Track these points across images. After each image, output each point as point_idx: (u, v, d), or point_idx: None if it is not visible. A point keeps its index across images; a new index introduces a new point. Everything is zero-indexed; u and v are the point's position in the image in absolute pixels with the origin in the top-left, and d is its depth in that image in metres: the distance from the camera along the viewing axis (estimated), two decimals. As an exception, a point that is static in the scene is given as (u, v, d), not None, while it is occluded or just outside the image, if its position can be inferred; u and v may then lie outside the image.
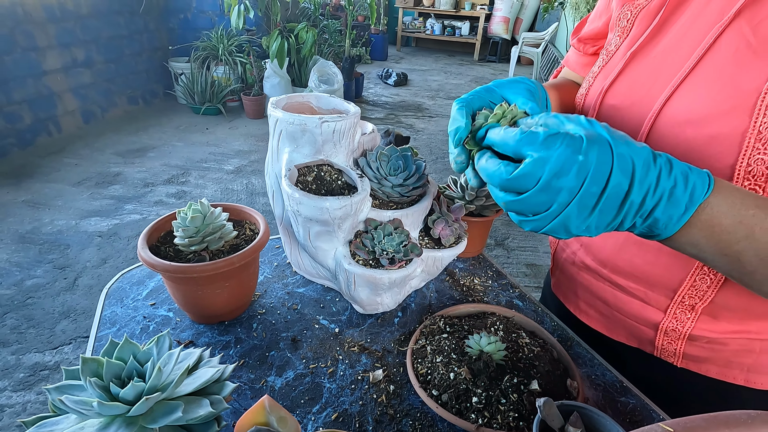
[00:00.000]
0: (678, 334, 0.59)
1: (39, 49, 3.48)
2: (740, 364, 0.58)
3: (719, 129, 0.46)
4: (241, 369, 0.61)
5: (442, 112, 5.01)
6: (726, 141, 0.45)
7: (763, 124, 0.43)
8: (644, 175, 0.35)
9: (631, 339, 0.67)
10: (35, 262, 2.24)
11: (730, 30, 0.47)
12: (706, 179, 0.37)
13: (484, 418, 0.51)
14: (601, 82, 0.59)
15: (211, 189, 3.07)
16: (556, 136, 0.35)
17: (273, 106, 0.66)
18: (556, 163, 0.34)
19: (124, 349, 0.42)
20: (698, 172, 0.37)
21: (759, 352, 0.56)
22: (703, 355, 0.59)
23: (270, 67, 4.27)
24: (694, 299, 0.56)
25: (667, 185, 0.36)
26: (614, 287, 0.65)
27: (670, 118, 0.50)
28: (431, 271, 0.76)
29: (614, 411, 0.58)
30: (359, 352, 0.65)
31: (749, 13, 0.46)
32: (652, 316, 0.61)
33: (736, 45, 0.46)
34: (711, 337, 0.57)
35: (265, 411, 0.37)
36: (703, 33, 0.49)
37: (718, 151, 0.46)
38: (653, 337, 0.62)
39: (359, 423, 0.54)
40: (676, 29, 0.53)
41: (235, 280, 0.65)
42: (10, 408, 1.53)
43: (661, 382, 0.64)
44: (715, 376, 0.60)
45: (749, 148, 0.44)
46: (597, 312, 0.70)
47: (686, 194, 0.36)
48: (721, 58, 0.47)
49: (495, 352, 0.57)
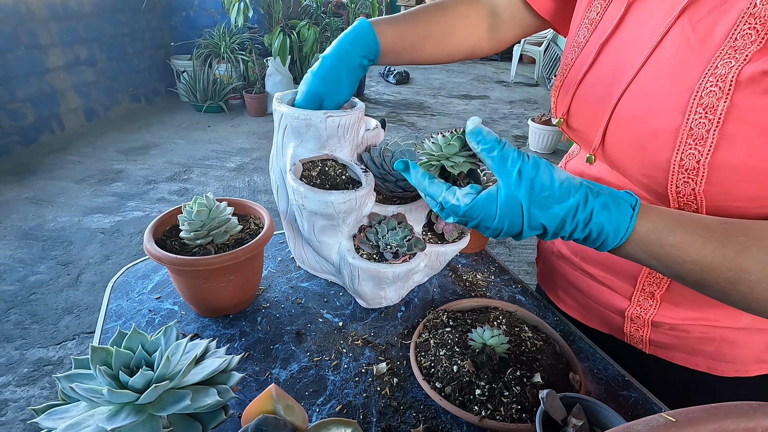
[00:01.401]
0: (642, 321, 0.62)
1: (42, 47, 3.49)
2: (703, 351, 0.60)
3: (659, 125, 0.48)
4: (246, 362, 0.61)
5: (443, 110, 5.01)
6: (663, 137, 0.47)
7: (694, 120, 0.45)
8: (558, 230, 0.44)
9: (604, 326, 0.69)
10: (38, 258, 2.25)
11: (675, 27, 0.48)
12: (624, 228, 0.42)
13: (487, 410, 0.52)
14: (574, 76, 0.60)
15: (214, 186, 3.08)
16: (473, 208, 0.45)
17: (278, 101, 0.67)
18: (480, 220, 0.45)
19: (133, 338, 0.43)
20: (618, 218, 0.42)
21: (719, 340, 0.58)
22: (668, 342, 0.61)
23: (272, 65, 4.27)
24: (652, 286, 0.58)
25: (579, 236, 0.44)
26: (586, 275, 0.68)
27: (621, 115, 0.52)
28: (434, 266, 0.76)
29: (616, 405, 0.58)
30: (363, 346, 0.65)
31: (692, 11, 0.47)
32: (619, 304, 0.63)
33: (678, 43, 0.47)
34: (672, 323, 0.59)
35: (272, 399, 0.38)
36: (655, 29, 0.50)
37: (657, 146, 0.48)
38: (622, 324, 0.65)
39: (363, 415, 0.55)
40: (636, 23, 0.54)
41: (239, 273, 0.65)
42: (14, 403, 1.54)
43: (634, 369, 0.65)
44: (680, 362, 0.62)
45: (682, 144, 0.46)
46: (573, 300, 0.73)
47: (597, 243, 0.44)
48: (665, 56, 0.49)
49: (498, 345, 0.58)
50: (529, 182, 0.42)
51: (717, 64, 0.44)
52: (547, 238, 0.45)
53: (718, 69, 0.43)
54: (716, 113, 0.43)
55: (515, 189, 0.43)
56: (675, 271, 0.43)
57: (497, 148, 0.44)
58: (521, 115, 4.96)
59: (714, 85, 0.43)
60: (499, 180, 0.44)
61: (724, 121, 0.43)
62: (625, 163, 0.54)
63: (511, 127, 4.58)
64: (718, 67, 0.43)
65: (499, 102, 5.43)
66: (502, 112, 5.04)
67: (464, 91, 5.81)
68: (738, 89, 0.42)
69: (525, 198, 0.42)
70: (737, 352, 0.58)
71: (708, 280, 0.42)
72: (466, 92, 5.78)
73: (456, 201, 0.46)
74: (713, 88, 0.43)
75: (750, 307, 0.42)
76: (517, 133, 4.40)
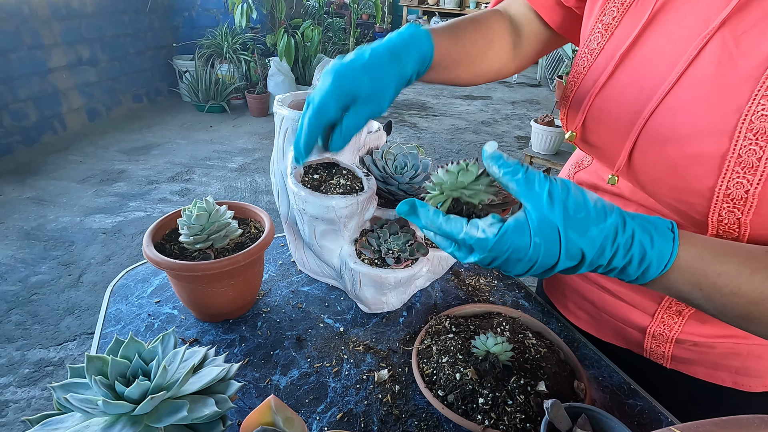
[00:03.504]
0: (665, 338, 0.59)
1: (44, 47, 3.49)
2: (728, 366, 0.57)
3: (700, 149, 0.44)
4: (245, 368, 0.61)
5: (446, 110, 5.00)
6: (706, 162, 0.44)
7: (743, 147, 0.41)
8: (596, 258, 0.38)
9: (619, 340, 0.67)
10: (40, 258, 2.25)
11: (715, 40, 0.44)
12: (668, 254, 0.38)
13: (490, 419, 0.51)
14: (589, 85, 0.55)
15: (215, 187, 3.07)
16: (503, 238, 0.38)
17: (279, 103, 0.66)
18: (511, 252, 0.38)
19: (129, 347, 0.42)
20: (661, 242, 0.38)
21: (746, 355, 0.56)
22: (690, 357, 0.59)
23: (274, 65, 4.27)
24: (681, 305, 0.56)
25: (619, 264, 0.38)
26: (601, 290, 0.65)
27: (653, 135, 0.48)
28: (437, 271, 0.75)
29: (621, 413, 0.57)
30: (364, 352, 0.64)
31: (734, 22, 0.43)
32: (639, 320, 0.61)
33: (719, 57, 0.44)
34: (698, 340, 0.57)
35: (272, 411, 0.37)
36: (688, 41, 0.46)
37: (698, 171, 0.45)
38: (641, 340, 0.62)
39: (364, 423, 0.54)
40: (663, 33, 0.49)
41: (240, 278, 0.65)
42: (15, 404, 1.54)
43: (652, 382, 0.63)
44: (703, 377, 0.60)
45: (728, 171, 0.42)
46: (585, 313, 0.70)
47: (639, 271, 0.39)
48: (703, 72, 0.45)
49: (502, 353, 0.57)
50: (562, 203, 0.37)
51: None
52: (582, 270, 0.39)
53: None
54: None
55: (548, 212, 0.37)
56: (720, 303, 0.39)
57: (521, 171, 0.39)
58: (524, 115, 4.95)
59: (766, 109, 0.40)
60: (527, 204, 0.38)
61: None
62: (655, 185, 0.50)
63: (513, 127, 4.56)
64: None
65: (501, 102, 5.42)
66: (504, 113, 5.02)
67: (466, 92, 5.80)
68: None
69: (560, 220, 0.37)
70: (764, 365, 0.56)
71: (754, 313, 0.39)
72: (468, 93, 5.77)
73: (482, 234, 0.39)
74: (765, 112, 0.40)
75: None
76: (520, 134, 4.38)
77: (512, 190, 0.39)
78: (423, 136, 4.18)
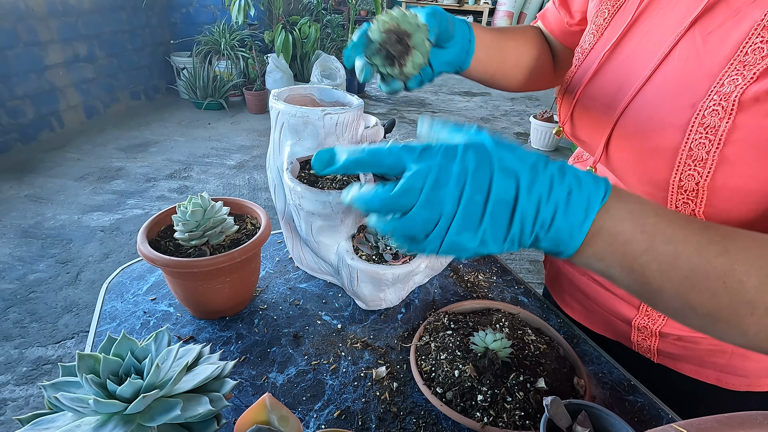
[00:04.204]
0: (650, 332, 0.60)
1: (41, 44, 3.47)
2: (713, 363, 0.58)
3: (658, 143, 0.46)
4: (242, 365, 0.60)
5: (445, 107, 4.98)
6: (663, 155, 0.45)
7: (694, 140, 0.43)
8: (532, 180, 0.32)
9: (609, 332, 0.68)
10: (38, 256, 2.24)
11: (686, 38, 0.46)
12: (603, 185, 0.33)
13: (489, 416, 0.50)
14: (578, 81, 0.58)
15: (214, 184, 3.06)
16: (431, 148, 0.33)
17: (275, 98, 0.65)
18: (434, 172, 0.32)
19: (122, 345, 0.41)
20: (594, 177, 0.34)
21: (731, 353, 0.56)
22: (676, 352, 0.59)
23: (272, 62, 4.25)
24: None
25: (561, 192, 0.32)
26: (592, 281, 0.66)
27: (624, 128, 0.50)
28: (435, 267, 0.75)
29: (622, 410, 0.56)
30: (362, 349, 0.64)
31: (704, 21, 0.45)
32: (626, 312, 0.62)
33: (687, 55, 0.45)
34: (681, 334, 0.57)
35: (266, 409, 0.36)
36: (665, 39, 0.48)
37: (656, 164, 0.46)
38: (629, 333, 0.63)
39: (362, 420, 0.53)
40: (644, 33, 0.51)
41: (236, 275, 0.64)
42: (13, 402, 1.53)
43: (642, 376, 0.64)
44: (689, 374, 0.60)
45: (681, 164, 0.44)
46: (579, 304, 0.71)
47: (583, 198, 0.32)
48: (671, 69, 0.46)
49: (501, 350, 0.56)
50: (492, 137, 0.34)
51: (723, 81, 0.41)
52: (521, 204, 0.32)
53: (724, 87, 0.41)
54: (717, 134, 0.41)
55: (475, 134, 0.34)
56: (639, 264, 0.33)
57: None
58: (523, 112, 4.93)
59: (717, 104, 0.41)
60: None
61: (725, 142, 0.41)
62: (627, 177, 0.53)
63: (512, 124, 4.55)
64: (725, 85, 0.41)
65: (500, 99, 5.40)
66: (503, 109, 5.01)
67: (466, 88, 5.78)
68: (741, 110, 0.40)
69: (489, 140, 0.33)
70: (749, 365, 0.56)
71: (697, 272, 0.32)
72: (467, 89, 5.75)
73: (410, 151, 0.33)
74: (716, 107, 0.41)
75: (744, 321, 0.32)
76: (519, 130, 4.37)
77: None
78: (422, 133, 4.17)
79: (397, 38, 0.48)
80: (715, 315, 0.32)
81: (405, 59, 0.48)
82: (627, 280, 0.34)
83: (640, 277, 0.33)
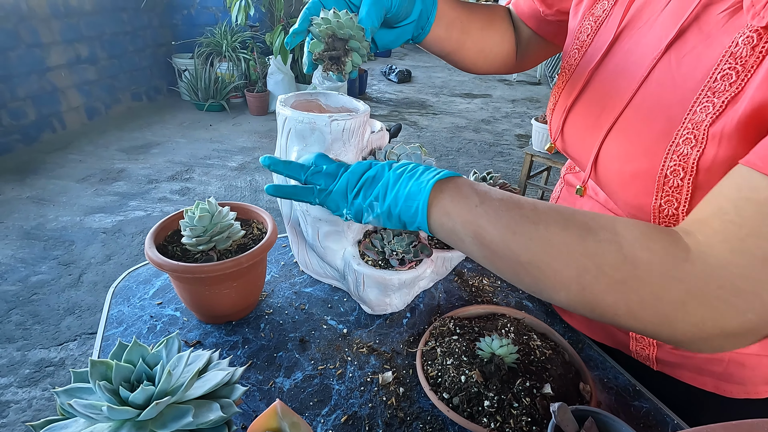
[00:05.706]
0: (647, 341, 0.60)
1: (43, 46, 3.48)
2: (710, 371, 0.58)
3: (638, 168, 0.46)
4: (249, 370, 0.60)
5: (446, 108, 4.99)
6: (643, 181, 0.46)
7: (669, 168, 0.43)
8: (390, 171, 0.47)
9: (609, 341, 0.67)
10: (40, 258, 2.25)
11: (662, 62, 0.46)
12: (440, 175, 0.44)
13: (496, 422, 0.50)
14: (565, 101, 0.58)
15: (215, 186, 3.07)
16: (320, 173, 0.51)
17: (282, 104, 0.65)
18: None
19: (133, 351, 0.42)
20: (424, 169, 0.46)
21: (728, 361, 0.56)
22: (674, 360, 0.59)
23: (273, 64, 4.25)
24: None
25: (411, 171, 0.47)
26: None
27: (607, 152, 0.51)
28: (440, 272, 0.75)
29: (627, 415, 0.57)
30: (368, 354, 0.64)
31: (679, 44, 0.45)
32: None
33: (662, 79, 0.45)
34: None
35: (278, 416, 0.36)
36: (644, 58, 0.48)
37: (638, 189, 0.47)
38: (627, 342, 0.63)
39: (369, 426, 0.54)
40: (624, 52, 0.51)
41: (242, 279, 0.64)
42: (16, 404, 1.54)
43: (645, 384, 0.64)
44: (688, 381, 0.60)
45: (659, 190, 0.44)
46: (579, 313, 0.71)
47: (424, 174, 0.45)
48: (649, 93, 0.47)
49: (507, 355, 0.56)
50: None
51: (696, 109, 0.41)
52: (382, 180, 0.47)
53: (696, 114, 0.41)
54: (689, 162, 0.42)
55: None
56: (475, 215, 0.42)
57: None
58: (524, 113, 4.94)
59: (690, 133, 0.42)
60: None
61: (697, 170, 0.42)
62: (615, 199, 0.53)
63: (513, 126, 4.55)
64: (697, 113, 0.41)
65: (501, 101, 5.41)
66: (504, 111, 5.02)
67: (466, 90, 5.79)
68: (710, 141, 0.40)
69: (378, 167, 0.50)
70: (746, 373, 0.56)
71: None
72: (468, 91, 5.76)
73: None
74: (690, 135, 0.42)
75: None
76: (520, 132, 4.38)
77: None
78: (423, 135, 4.18)
79: (334, 44, 0.53)
80: (534, 262, 0.39)
81: (344, 60, 0.54)
82: (472, 245, 0.43)
83: (479, 237, 0.42)
